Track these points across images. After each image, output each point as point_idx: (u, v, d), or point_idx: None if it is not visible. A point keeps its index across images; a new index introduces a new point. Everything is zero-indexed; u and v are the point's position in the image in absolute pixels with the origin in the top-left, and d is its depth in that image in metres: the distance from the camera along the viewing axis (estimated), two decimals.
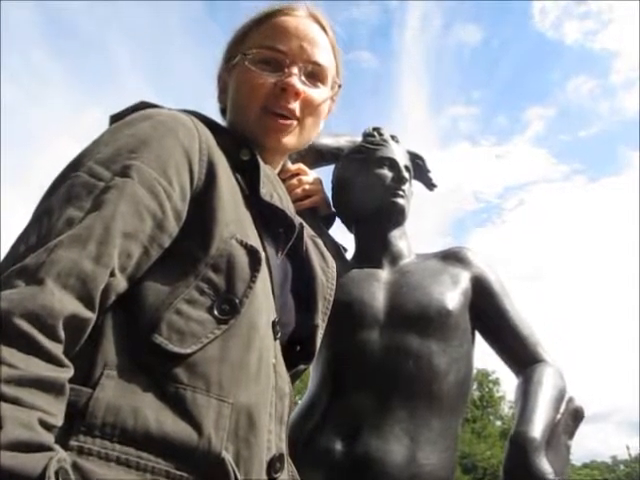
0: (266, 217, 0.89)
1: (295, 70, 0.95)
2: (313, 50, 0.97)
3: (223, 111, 1.07)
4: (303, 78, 0.96)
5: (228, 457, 0.67)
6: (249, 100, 0.95)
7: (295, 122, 0.96)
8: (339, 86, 1.07)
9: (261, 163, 0.90)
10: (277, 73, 0.95)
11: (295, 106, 0.94)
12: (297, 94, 0.94)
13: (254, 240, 0.82)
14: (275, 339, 0.83)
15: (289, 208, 0.94)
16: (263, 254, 0.82)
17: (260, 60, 0.96)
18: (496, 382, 37.19)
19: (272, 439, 0.78)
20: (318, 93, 0.98)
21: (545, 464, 1.14)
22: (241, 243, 0.78)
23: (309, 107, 0.97)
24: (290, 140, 0.96)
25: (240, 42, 1.02)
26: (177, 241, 0.75)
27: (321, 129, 1.10)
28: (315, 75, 0.98)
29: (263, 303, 0.80)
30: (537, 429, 1.20)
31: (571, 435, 1.27)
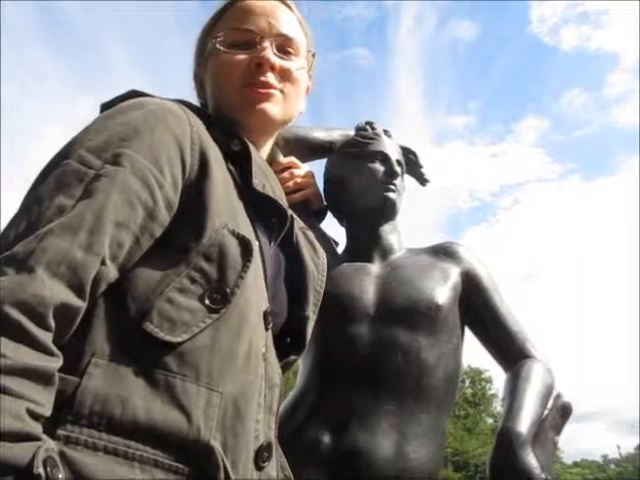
0: (259, 207, 0.89)
1: (267, 44, 0.96)
2: (281, 25, 0.99)
3: (204, 105, 1.08)
4: (275, 51, 0.97)
5: (217, 446, 0.67)
6: (227, 81, 0.96)
7: (277, 92, 0.96)
8: (313, 55, 1.08)
9: (253, 153, 0.90)
10: (250, 50, 0.96)
11: (273, 78, 0.96)
12: (273, 67, 0.95)
13: (246, 230, 0.82)
14: (266, 329, 0.83)
15: (281, 198, 0.94)
16: (256, 244, 0.82)
17: (231, 43, 0.97)
18: (489, 380, 37.30)
19: (260, 428, 0.78)
20: (293, 64, 0.99)
21: (531, 459, 1.14)
22: (233, 233, 0.78)
23: (286, 77, 0.98)
24: (275, 110, 0.96)
25: (209, 33, 1.03)
26: (169, 230, 0.75)
27: (304, 109, 1.10)
28: (287, 47, 1.00)
29: (255, 293, 0.80)
30: (524, 424, 1.20)
31: (558, 431, 1.27)
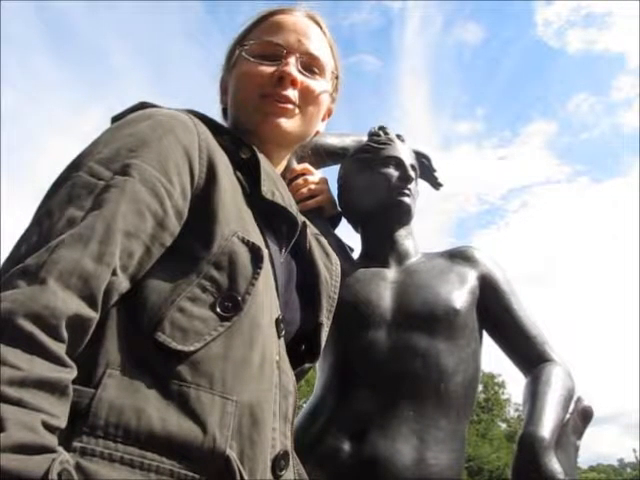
0: (268, 215, 0.89)
1: (292, 60, 0.97)
2: (310, 44, 1.00)
3: (224, 111, 1.09)
4: (300, 68, 0.97)
5: (233, 455, 0.66)
6: (247, 89, 0.97)
7: (295, 107, 0.96)
8: (337, 77, 1.08)
9: (261, 161, 0.90)
10: (275, 63, 0.96)
11: (293, 94, 0.96)
12: (294, 82, 0.95)
13: (256, 238, 0.81)
14: (279, 337, 0.83)
15: (291, 205, 0.94)
16: (266, 251, 0.81)
17: (258, 53, 0.98)
18: (502, 385, 37.20)
19: (276, 437, 0.77)
20: (316, 83, 1.00)
21: (555, 464, 1.13)
22: (243, 240, 0.77)
23: (308, 96, 0.98)
24: (290, 125, 0.96)
25: (239, 43, 1.04)
26: (179, 240, 0.75)
27: (323, 130, 1.10)
28: (313, 67, 1.00)
29: (266, 300, 0.79)
30: (546, 429, 1.18)
31: (580, 435, 1.26)
